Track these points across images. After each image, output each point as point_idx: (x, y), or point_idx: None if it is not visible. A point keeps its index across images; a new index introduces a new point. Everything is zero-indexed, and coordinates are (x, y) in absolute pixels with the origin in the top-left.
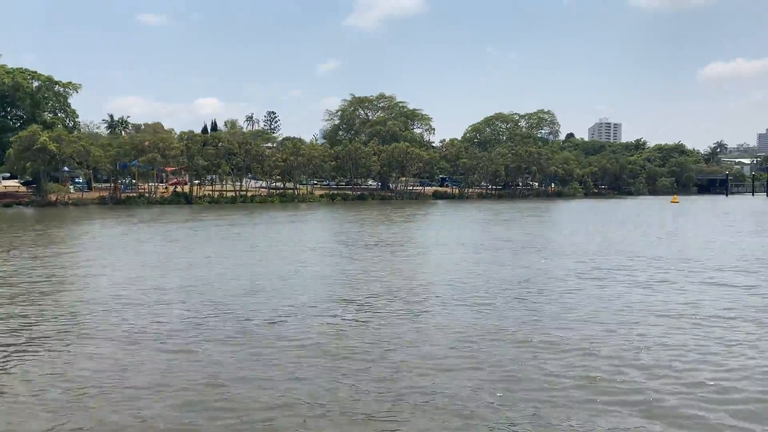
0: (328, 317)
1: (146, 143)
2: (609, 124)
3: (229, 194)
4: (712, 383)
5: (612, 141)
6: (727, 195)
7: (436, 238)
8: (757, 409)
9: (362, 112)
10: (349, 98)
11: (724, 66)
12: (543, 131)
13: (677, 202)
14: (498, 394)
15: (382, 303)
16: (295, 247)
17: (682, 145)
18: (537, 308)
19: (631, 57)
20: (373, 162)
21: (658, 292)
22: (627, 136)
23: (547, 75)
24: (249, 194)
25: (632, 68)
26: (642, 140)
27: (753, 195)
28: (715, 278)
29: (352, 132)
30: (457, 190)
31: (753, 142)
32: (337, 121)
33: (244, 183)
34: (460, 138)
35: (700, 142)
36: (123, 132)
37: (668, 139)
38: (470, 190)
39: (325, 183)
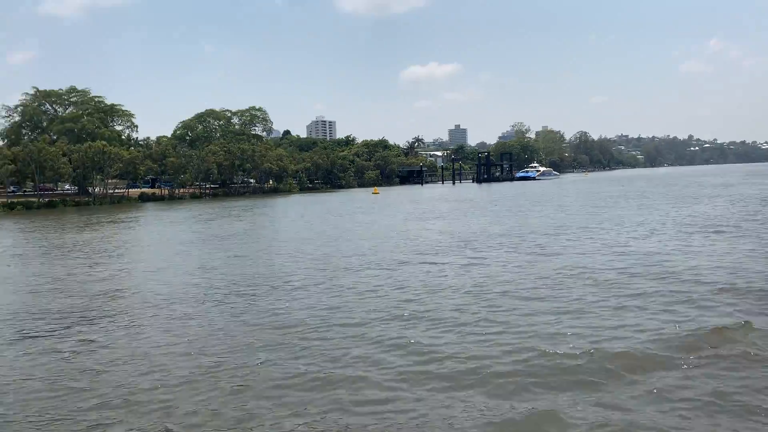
0: None
1: None
2: (325, 121)
3: None
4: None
5: (328, 138)
6: (422, 184)
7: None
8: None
9: (50, 107)
10: (32, 92)
11: (421, 69)
12: (257, 128)
13: (378, 193)
14: None
15: None
16: None
17: (385, 141)
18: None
19: (343, 59)
20: (63, 164)
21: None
22: (341, 133)
23: (267, 74)
24: None
25: (345, 70)
26: (351, 137)
27: (443, 183)
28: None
29: (38, 131)
30: (167, 191)
31: (445, 137)
32: (17, 118)
33: None
34: (170, 136)
35: (401, 137)
36: None
37: (375, 135)
38: (182, 190)
39: (10, 191)
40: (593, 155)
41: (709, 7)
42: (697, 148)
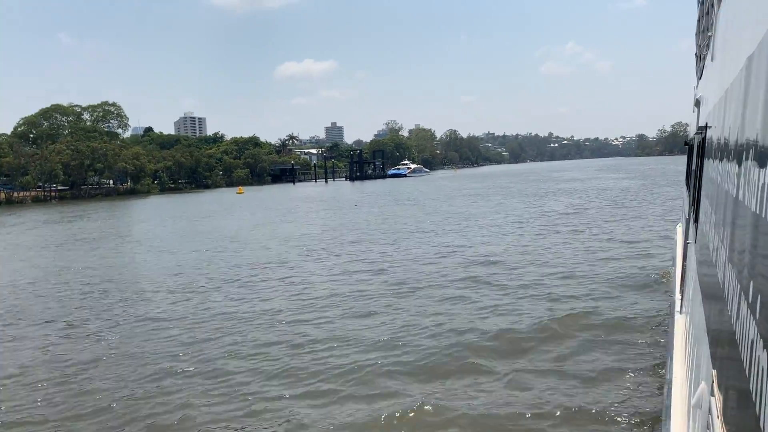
0: None
1: None
2: (194, 118)
3: None
4: None
5: (197, 135)
6: (294, 183)
7: None
8: None
9: None
10: None
11: (296, 65)
12: (111, 125)
13: (242, 193)
14: None
15: None
16: None
17: (256, 138)
18: None
19: (215, 54)
20: None
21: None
22: (213, 130)
23: (131, 68)
24: None
25: (217, 65)
26: (220, 134)
27: (316, 182)
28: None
29: None
30: (4, 195)
31: (322, 135)
32: None
33: None
34: (9, 133)
35: (277, 135)
36: None
37: (249, 133)
38: (23, 193)
39: None
40: (462, 152)
41: (567, 12)
42: (556, 144)
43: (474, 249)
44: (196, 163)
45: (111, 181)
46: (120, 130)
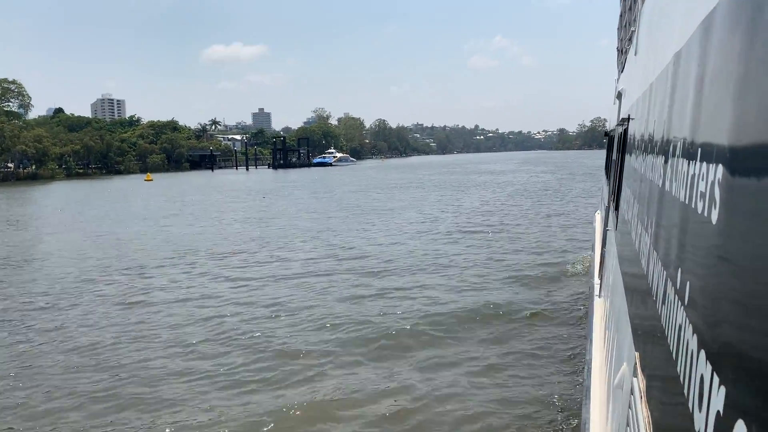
0: None
1: None
2: (112, 100)
3: None
4: None
5: (116, 117)
6: (213, 170)
7: None
8: None
9: None
10: None
11: (224, 49)
12: (10, 104)
13: (151, 180)
14: None
15: None
16: None
17: (174, 122)
18: None
19: (140, 34)
20: None
21: None
22: (132, 113)
23: (49, 47)
24: None
25: (141, 45)
26: (136, 117)
27: (237, 169)
28: None
29: None
30: None
31: (249, 121)
32: None
33: None
34: None
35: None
36: None
37: (173, 117)
38: None
39: None
40: (391, 142)
41: (495, 4)
42: (482, 137)
43: (383, 251)
44: (107, 147)
45: (12, 165)
46: (22, 110)
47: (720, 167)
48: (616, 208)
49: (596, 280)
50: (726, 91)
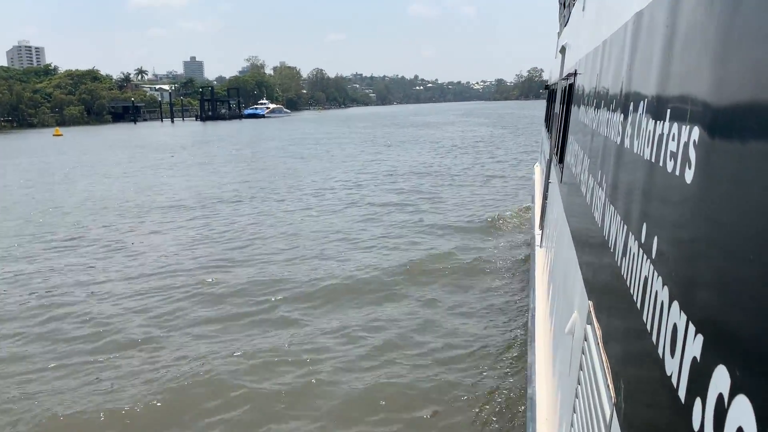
0: None
1: None
2: (30, 47)
3: None
4: None
5: (35, 66)
6: (135, 122)
7: None
8: None
9: None
10: None
11: None
12: None
13: (60, 135)
14: None
15: None
16: None
17: (95, 71)
18: None
19: None
20: None
21: None
22: (52, 62)
23: None
24: None
25: None
26: (53, 65)
27: (162, 122)
28: None
29: None
30: None
31: (181, 70)
32: None
33: None
34: None
35: (128, 69)
36: None
37: (98, 66)
38: None
39: None
40: (329, 93)
41: None
42: (421, 87)
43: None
44: (18, 98)
45: None
46: None
47: (696, 128)
48: (560, 161)
49: (537, 231)
50: (704, 50)
